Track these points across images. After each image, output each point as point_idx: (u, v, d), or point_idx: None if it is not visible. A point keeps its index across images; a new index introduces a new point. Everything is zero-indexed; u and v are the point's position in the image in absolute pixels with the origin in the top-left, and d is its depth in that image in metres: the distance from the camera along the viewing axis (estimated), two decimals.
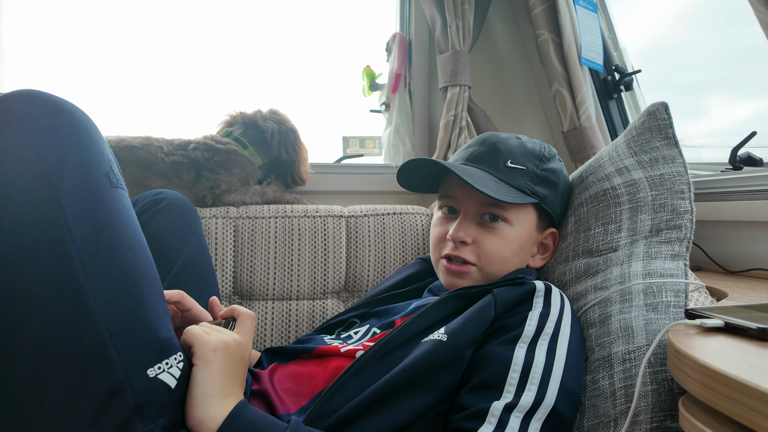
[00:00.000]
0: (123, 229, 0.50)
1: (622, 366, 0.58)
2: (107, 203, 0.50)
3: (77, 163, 0.49)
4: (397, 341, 0.62)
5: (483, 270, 0.73)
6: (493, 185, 0.70)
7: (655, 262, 0.66)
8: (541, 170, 0.74)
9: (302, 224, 1.13)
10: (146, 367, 0.47)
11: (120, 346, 0.46)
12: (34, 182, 0.46)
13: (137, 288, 0.49)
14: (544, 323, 0.61)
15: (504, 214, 0.72)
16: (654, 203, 0.69)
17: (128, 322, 0.47)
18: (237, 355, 0.55)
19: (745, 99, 1.21)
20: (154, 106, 1.50)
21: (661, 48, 1.40)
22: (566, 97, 1.26)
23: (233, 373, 0.54)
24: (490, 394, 0.55)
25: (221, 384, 0.51)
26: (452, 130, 1.34)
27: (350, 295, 1.15)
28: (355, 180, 1.47)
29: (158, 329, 0.49)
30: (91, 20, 1.45)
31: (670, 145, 0.71)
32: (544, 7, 1.25)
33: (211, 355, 0.52)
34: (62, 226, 0.46)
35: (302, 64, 1.63)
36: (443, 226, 0.76)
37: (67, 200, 0.47)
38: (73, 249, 0.46)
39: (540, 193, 0.73)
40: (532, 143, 0.77)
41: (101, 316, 0.46)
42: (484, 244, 0.72)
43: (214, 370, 0.52)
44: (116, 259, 0.48)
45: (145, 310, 0.49)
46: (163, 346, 0.49)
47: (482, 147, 0.76)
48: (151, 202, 0.90)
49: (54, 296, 0.45)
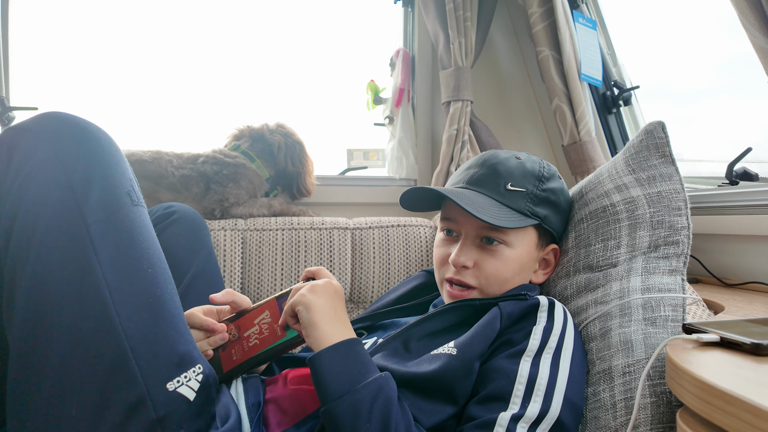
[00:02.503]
0: (144, 246, 0.53)
1: (622, 379, 0.61)
2: (129, 221, 0.52)
3: (101, 183, 0.51)
4: (401, 340, 0.66)
5: (484, 291, 0.75)
6: (494, 211, 0.71)
7: (653, 277, 0.68)
8: (540, 191, 0.75)
9: (308, 236, 1.16)
10: (166, 381, 0.49)
11: (141, 361, 0.48)
12: (61, 202, 0.49)
13: (158, 303, 0.51)
14: (548, 337, 0.63)
15: (503, 238, 0.73)
16: (652, 220, 0.72)
17: (149, 336, 0.49)
18: (330, 289, 0.64)
19: (742, 111, 1.24)
20: (164, 121, 1.53)
21: (659, 59, 1.43)
22: (566, 112, 1.29)
23: (334, 304, 0.63)
24: (497, 406, 0.57)
25: (333, 310, 0.62)
26: (455, 143, 1.37)
27: (355, 306, 1.17)
28: (360, 192, 1.50)
29: (177, 343, 0.51)
30: (99, 35, 1.48)
31: (667, 163, 0.74)
32: (545, 24, 1.29)
33: (312, 298, 0.61)
34: (88, 244, 0.48)
35: (308, 79, 1.67)
36: (445, 248, 0.78)
37: (92, 219, 0.49)
38: (98, 266, 0.48)
39: (540, 213, 0.75)
40: (532, 163, 0.78)
41: (124, 331, 0.48)
42: (484, 266, 0.73)
43: (322, 303, 0.61)
44: (138, 275, 0.51)
45: (165, 324, 0.51)
46: (182, 360, 0.51)
47: (482, 169, 0.77)
48: (162, 215, 0.92)
49: (79, 312, 0.47)
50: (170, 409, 0.49)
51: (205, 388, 0.52)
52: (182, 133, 1.53)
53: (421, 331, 0.68)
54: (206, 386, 0.53)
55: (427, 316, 0.69)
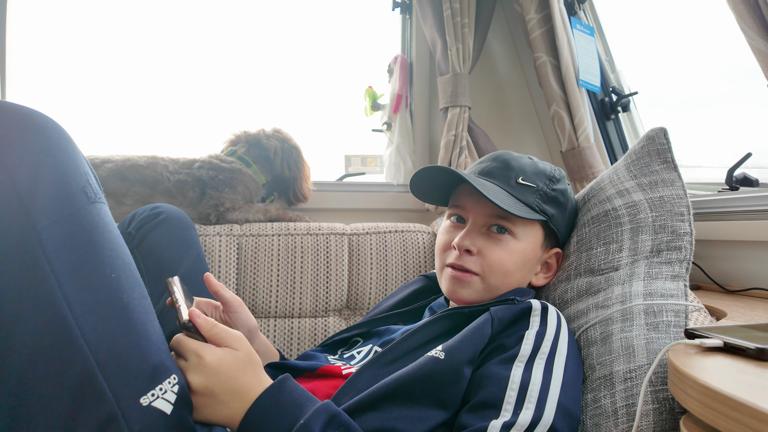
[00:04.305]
0: (105, 249, 0.48)
1: (623, 385, 0.59)
2: (87, 222, 0.47)
3: (51, 181, 0.46)
4: (389, 357, 0.64)
5: (485, 280, 0.73)
6: (504, 198, 0.71)
7: (655, 282, 0.67)
8: (551, 190, 0.76)
9: (305, 242, 1.14)
10: (139, 395, 0.45)
11: (110, 375, 0.44)
12: (5, 208, 0.43)
13: (125, 310, 0.47)
14: (541, 342, 0.61)
15: (511, 227, 0.73)
16: (654, 224, 0.71)
17: (117, 348, 0.45)
18: (234, 368, 0.52)
19: (741, 117, 1.24)
20: (162, 126, 1.53)
21: (658, 66, 1.44)
22: (564, 117, 1.28)
23: (237, 380, 0.52)
24: (489, 413, 0.55)
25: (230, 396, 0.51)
26: (453, 149, 1.36)
27: (352, 312, 1.16)
28: (357, 198, 1.49)
29: (149, 353, 0.47)
30: (98, 38, 1.48)
31: (670, 169, 0.73)
32: (542, 30, 1.29)
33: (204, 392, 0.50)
34: (39, 253, 0.43)
35: (307, 85, 1.67)
36: (450, 234, 0.77)
37: (42, 224, 0.44)
38: (52, 276, 0.44)
39: (548, 211, 0.75)
40: (543, 164, 0.79)
41: (87, 344, 0.43)
42: (488, 254, 0.72)
43: (215, 401, 0.50)
44: (100, 282, 0.46)
45: (134, 333, 0.47)
46: (155, 372, 0.47)
47: (495, 163, 0.77)
48: (148, 216, 0.90)
49: (35, 328, 0.43)
50: (145, 425, 0.45)
51: (182, 400, 0.48)
52: (181, 138, 1.53)
53: (411, 345, 0.66)
54: (183, 397, 0.48)
55: (417, 328, 0.67)
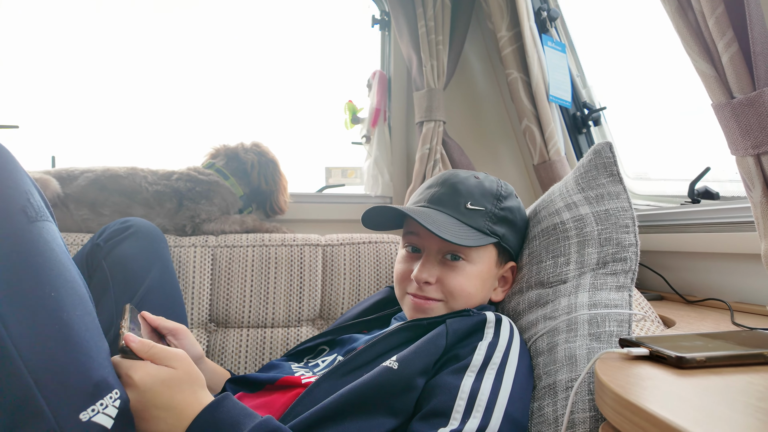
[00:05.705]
0: (45, 269, 0.48)
1: (564, 393, 0.61)
2: (26, 242, 0.47)
3: None
4: (348, 368, 0.65)
5: (448, 304, 0.76)
6: (455, 229, 0.73)
7: (600, 293, 0.70)
8: (499, 209, 0.78)
9: (279, 253, 1.16)
10: (78, 411, 0.45)
11: (48, 393, 0.44)
12: None
13: (65, 329, 0.47)
14: (492, 353, 0.64)
15: (465, 253, 0.75)
16: (600, 237, 0.73)
17: (56, 366, 0.45)
18: (172, 386, 0.53)
19: (703, 132, 1.27)
20: (145, 140, 1.56)
21: (628, 81, 1.47)
22: (535, 132, 1.32)
23: (173, 397, 0.53)
24: (438, 422, 0.57)
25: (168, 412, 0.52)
26: (427, 162, 1.39)
27: (325, 322, 1.18)
28: (335, 209, 1.51)
29: (90, 369, 0.47)
30: (80, 53, 1.51)
31: (615, 182, 0.76)
32: (513, 48, 1.33)
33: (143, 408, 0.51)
34: None
35: (289, 98, 1.70)
36: (407, 264, 0.79)
37: None
38: None
39: (498, 232, 0.77)
40: (490, 182, 0.80)
41: (25, 364, 0.44)
42: (447, 282, 0.75)
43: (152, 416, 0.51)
44: (39, 302, 0.46)
45: (75, 350, 0.47)
46: (96, 388, 0.47)
47: (443, 188, 0.79)
48: (117, 230, 0.92)
49: None
50: None
51: (123, 414, 0.49)
52: (163, 151, 1.56)
53: (370, 355, 0.68)
54: (125, 412, 0.49)
55: (376, 340, 0.69)
